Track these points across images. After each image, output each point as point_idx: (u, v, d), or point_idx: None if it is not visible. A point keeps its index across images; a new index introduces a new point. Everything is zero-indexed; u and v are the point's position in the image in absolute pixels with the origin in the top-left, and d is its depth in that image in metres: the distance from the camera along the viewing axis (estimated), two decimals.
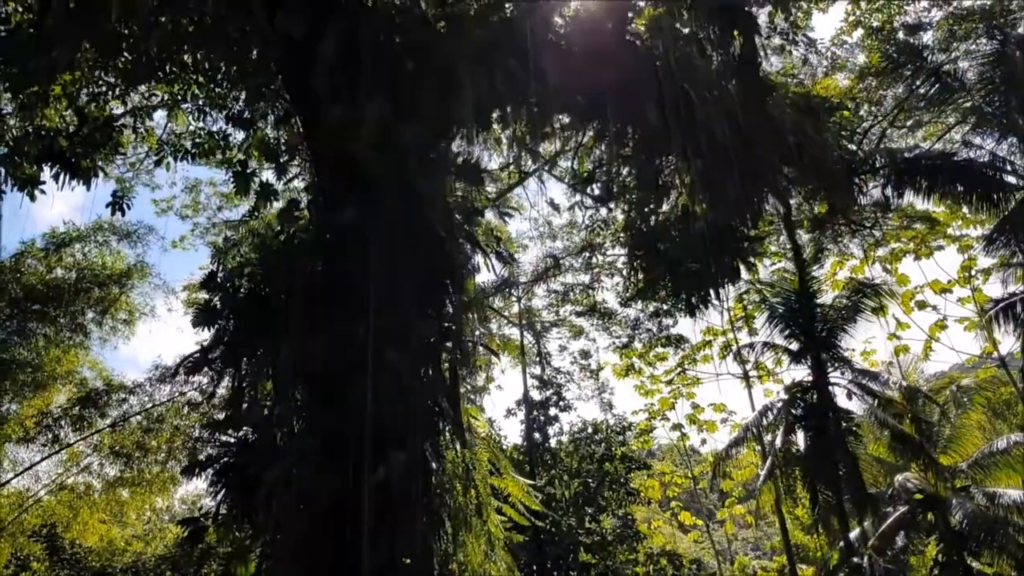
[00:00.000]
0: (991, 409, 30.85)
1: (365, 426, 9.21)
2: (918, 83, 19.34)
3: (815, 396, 24.59)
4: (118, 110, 14.60)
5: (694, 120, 13.27)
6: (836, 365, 24.76)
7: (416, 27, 10.36)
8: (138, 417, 23.09)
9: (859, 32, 20.50)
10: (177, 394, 22.61)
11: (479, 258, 10.85)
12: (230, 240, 10.65)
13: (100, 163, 18.98)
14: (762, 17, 13.78)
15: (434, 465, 10.07)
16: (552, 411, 28.20)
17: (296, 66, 10.21)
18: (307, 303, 9.91)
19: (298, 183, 11.22)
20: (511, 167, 12.43)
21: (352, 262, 9.79)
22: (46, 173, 17.60)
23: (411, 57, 10.25)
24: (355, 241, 9.80)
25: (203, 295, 10.72)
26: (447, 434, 10.04)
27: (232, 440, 13.73)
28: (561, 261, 25.97)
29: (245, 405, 11.06)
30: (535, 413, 27.64)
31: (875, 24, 20.06)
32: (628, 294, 24.78)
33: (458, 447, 10.05)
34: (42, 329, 22.98)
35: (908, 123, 21.69)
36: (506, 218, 12.66)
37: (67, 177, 18.20)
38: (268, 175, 11.19)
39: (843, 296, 25.19)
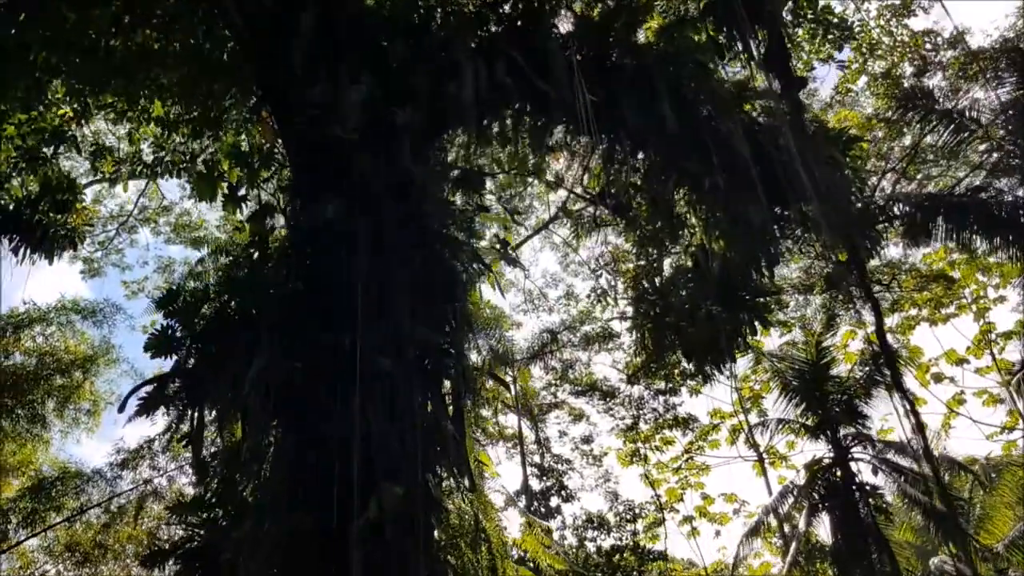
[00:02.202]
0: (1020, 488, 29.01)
1: (353, 453, 7.54)
2: (930, 127, 18.34)
3: (838, 473, 22.86)
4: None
5: (711, 136, 12.13)
6: (858, 439, 23.15)
7: (408, 8, 9.18)
8: (97, 510, 20.99)
9: (863, 81, 19.76)
10: (141, 482, 20.62)
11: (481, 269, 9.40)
12: (199, 264, 9.11)
13: (64, 235, 17.56)
14: None
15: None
16: (554, 502, 26.17)
17: (268, 53, 8.97)
18: (282, 314, 8.35)
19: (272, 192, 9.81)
20: (514, 175, 11.13)
21: (335, 265, 8.29)
22: (4, 245, 16.17)
23: (402, 38, 9.03)
24: (338, 241, 8.33)
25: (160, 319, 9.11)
26: (451, 471, 8.30)
27: (199, 521, 11.88)
28: (559, 335, 24.55)
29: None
30: (535, 504, 25.57)
31: (879, 70, 19.32)
32: (635, 360, 23.28)
33: (465, 483, 8.29)
34: None
35: (919, 176, 20.72)
36: (515, 220, 11.23)
37: (28, 251, 16.73)
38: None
39: (860, 365, 23.81)
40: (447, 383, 8.73)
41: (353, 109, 8.33)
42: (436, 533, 8.25)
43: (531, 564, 9.19)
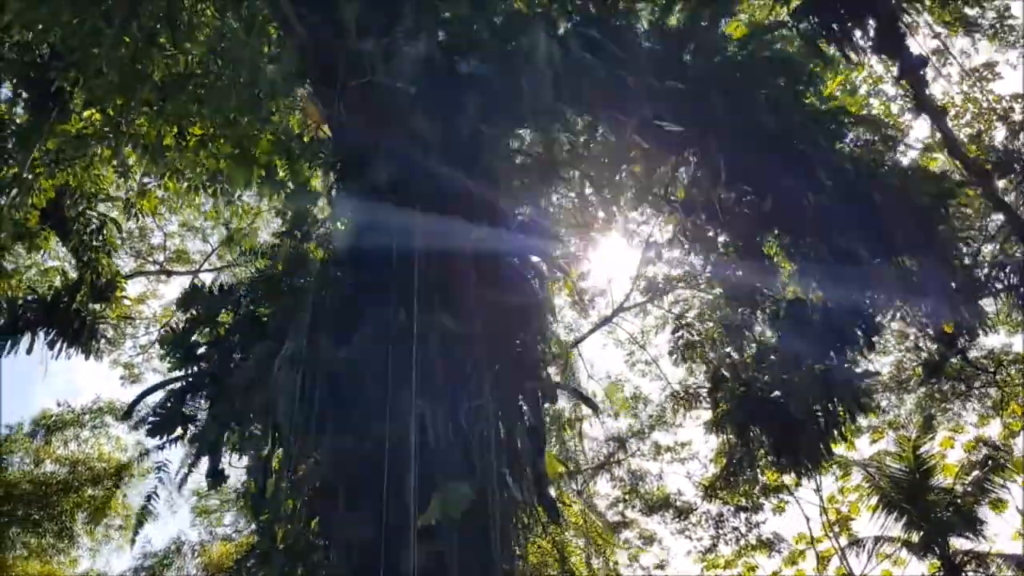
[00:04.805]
0: None
1: (408, 452, 5.90)
2: None
3: None
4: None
5: (812, 153, 10.79)
6: (972, 556, 20.43)
7: None
8: None
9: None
10: None
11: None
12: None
13: (104, 331, 16.54)
14: None
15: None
16: None
17: (317, 19, 7.93)
18: (322, 300, 6.92)
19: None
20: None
21: (386, 240, 6.90)
22: (39, 339, 15.15)
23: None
24: (389, 212, 6.97)
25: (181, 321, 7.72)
26: (527, 490, 6.53)
27: None
28: (627, 442, 22.53)
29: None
30: None
31: (965, 137, 18.00)
32: (713, 469, 21.08)
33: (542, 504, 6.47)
34: (23, 538, 19.45)
35: (1017, 252, 18.94)
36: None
37: (64, 345, 15.66)
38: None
39: (965, 470, 21.40)
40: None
41: (411, 62, 7.14)
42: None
43: None
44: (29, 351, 14.52)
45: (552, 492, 6.54)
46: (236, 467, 7.06)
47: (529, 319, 7.39)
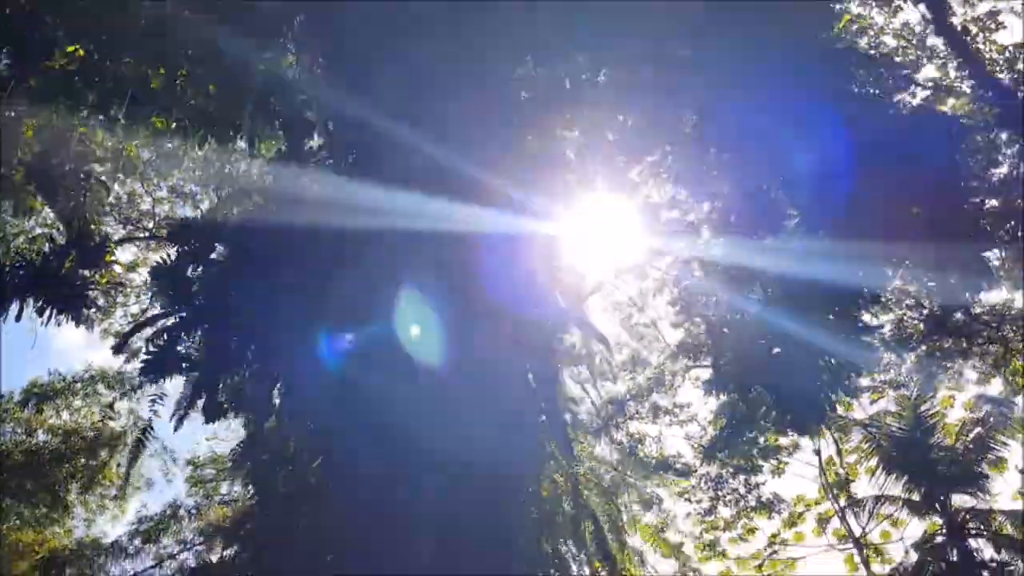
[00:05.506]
0: None
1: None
2: None
3: (954, 552, 19.96)
4: None
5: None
6: (974, 513, 20.35)
7: None
8: None
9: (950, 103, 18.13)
10: (166, 557, 18.35)
11: None
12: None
13: (94, 298, 16.16)
14: None
15: None
16: None
17: None
18: (319, 237, 6.61)
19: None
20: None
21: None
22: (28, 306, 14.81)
23: None
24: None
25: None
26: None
27: None
28: (625, 405, 22.32)
29: None
30: None
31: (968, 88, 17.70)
32: (712, 428, 20.90)
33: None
34: (16, 508, 19.18)
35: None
36: None
37: (53, 312, 15.27)
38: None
39: (968, 427, 21.31)
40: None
41: None
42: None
43: None
44: (18, 318, 14.17)
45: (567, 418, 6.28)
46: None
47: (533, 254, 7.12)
